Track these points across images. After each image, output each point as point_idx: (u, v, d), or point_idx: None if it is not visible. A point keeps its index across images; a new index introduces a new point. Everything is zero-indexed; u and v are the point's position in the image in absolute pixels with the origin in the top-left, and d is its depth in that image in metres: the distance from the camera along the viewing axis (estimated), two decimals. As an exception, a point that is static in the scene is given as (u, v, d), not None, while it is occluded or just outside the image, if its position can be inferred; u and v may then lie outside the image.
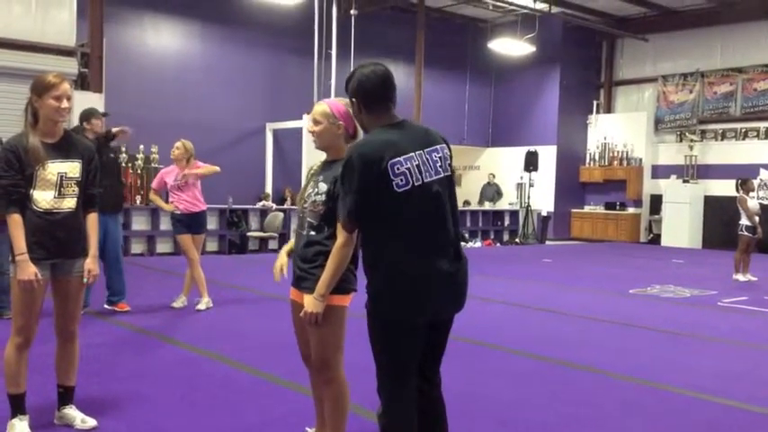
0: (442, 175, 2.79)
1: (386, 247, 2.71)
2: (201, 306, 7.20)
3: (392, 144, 2.70)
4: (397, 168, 2.67)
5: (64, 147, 3.56)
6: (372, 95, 2.81)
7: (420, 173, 2.71)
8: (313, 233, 3.07)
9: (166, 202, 7.41)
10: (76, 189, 3.56)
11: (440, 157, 2.80)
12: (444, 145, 2.86)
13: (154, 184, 7.54)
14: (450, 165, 2.86)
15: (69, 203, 3.54)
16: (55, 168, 3.49)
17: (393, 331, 2.74)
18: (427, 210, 2.73)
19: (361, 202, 2.68)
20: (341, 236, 2.88)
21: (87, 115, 6.77)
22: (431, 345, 2.86)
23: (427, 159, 2.75)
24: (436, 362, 2.95)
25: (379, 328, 2.77)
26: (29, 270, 3.39)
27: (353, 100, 2.84)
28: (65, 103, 3.48)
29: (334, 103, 3.20)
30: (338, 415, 3.15)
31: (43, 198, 3.47)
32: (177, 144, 7.28)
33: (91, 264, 3.59)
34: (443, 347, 2.95)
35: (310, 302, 2.92)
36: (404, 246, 2.69)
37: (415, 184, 2.69)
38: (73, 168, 3.55)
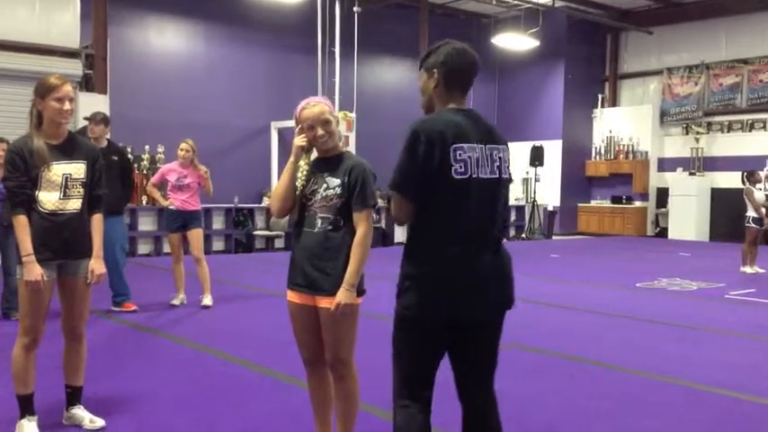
0: (498, 177, 2.61)
1: (432, 238, 2.54)
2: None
3: (458, 127, 2.53)
4: (459, 154, 2.50)
5: (68, 148, 3.58)
6: (457, 73, 2.62)
7: (477, 166, 2.54)
8: (330, 228, 3.03)
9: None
10: (82, 190, 3.58)
11: (499, 158, 2.62)
12: (505, 146, 2.68)
13: (154, 179, 7.59)
14: (508, 168, 2.68)
15: (74, 204, 3.56)
16: (60, 170, 3.51)
17: (416, 327, 2.55)
18: (478, 205, 2.54)
19: (420, 183, 2.49)
20: (364, 224, 2.99)
21: (88, 119, 6.88)
22: (470, 352, 2.65)
23: (487, 155, 2.58)
24: (481, 372, 2.70)
25: (404, 323, 2.57)
26: (35, 271, 3.41)
27: (434, 71, 2.62)
28: (67, 105, 3.49)
29: (325, 100, 3.23)
30: (349, 412, 3.16)
31: (48, 199, 3.49)
32: (183, 145, 7.30)
33: (95, 264, 3.61)
34: (489, 355, 2.69)
35: (343, 294, 2.92)
36: (453, 238, 2.51)
37: (473, 176, 2.52)
38: (78, 169, 3.57)
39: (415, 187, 2.51)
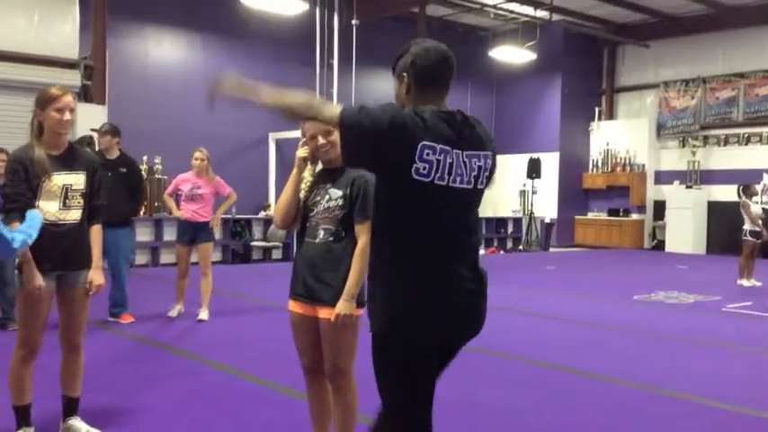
0: (473, 188, 2.37)
1: (394, 253, 2.32)
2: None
3: (435, 124, 2.27)
4: (427, 154, 2.23)
5: (68, 159, 3.58)
6: (427, 74, 2.37)
7: (449, 173, 2.28)
8: (331, 239, 3.06)
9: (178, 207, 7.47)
10: (81, 201, 3.58)
11: (479, 166, 2.37)
12: (490, 153, 2.42)
13: (169, 189, 7.59)
14: (488, 178, 2.43)
15: (74, 215, 3.56)
16: (60, 180, 3.51)
17: (403, 359, 2.33)
18: (445, 218, 2.32)
19: (377, 167, 2.30)
20: (365, 236, 2.92)
21: (95, 132, 6.93)
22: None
23: (464, 162, 2.32)
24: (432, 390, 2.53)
25: (388, 356, 2.36)
26: (35, 278, 3.39)
27: (403, 75, 2.40)
28: (67, 116, 3.50)
29: None
30: (348, 423, 3.16)
31: (48, 209, 3.49)
32: (197, 154, 7.25)
33: (94, 275, 3.61)
34: (441, 373, 2.52)
35: (343, 305, 2.94)
36: (416, 254, 2.30)
37: (436, 182, 2.25)
38: (77, 180, 3.57)
39: (363, 154, 2.31)
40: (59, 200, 3.51)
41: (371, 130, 2.22)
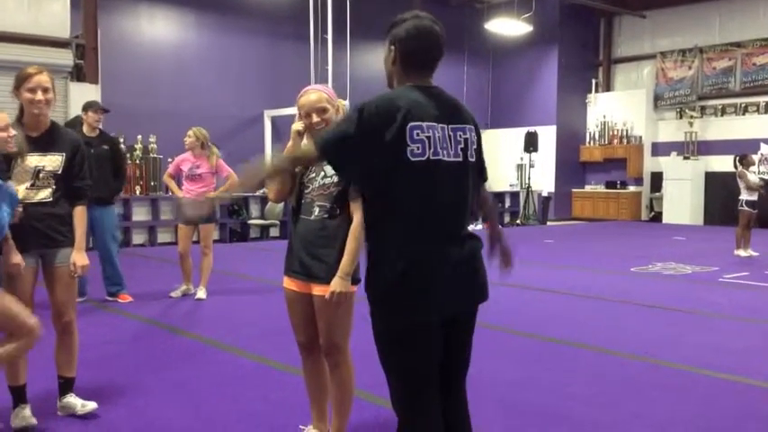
0: (463, 160, 2.38)
1: (392, 230, 2.33)
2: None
3: (416, 104, 2.30)
4: (417, 134, 2.26)
5: (46, 141, 3.55)
6: (414, 55, 2.41)
7: (439, 148, 2.31)
8: (326, 216, 3.05)
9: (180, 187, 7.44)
10: (52, 181, 3.54)
11: (465, 139, 2.40)
12: (473, 127, 2.47)
13: (170, 170, 7.55)
14: (476, 150, 2.46)
15: (43, 194, 3.53)
16: (33, 161, 3.49)
17: (404, 333, 2.34)
18: (443, 192, 2.33)
19: (368, 165, 2.27)
20: (359, 213, 2.78)
21: (85, 107, 6.86)
22: (449, 348, 2.45)
23: (449, 136, 2.36)
24: (459, 370, 2.53)
25: (388, 332, 2.38)
26: (13, 256, 3.36)
27: (392, 47, 2.44)
28: (39, 95, 3.45)
29: (325, 88, 3.24)
30: (345, 399, 3.17)
31: (17, 189, 3.45)
32: (189, 132, 7.30)
33: (76, 256, 3.58)
34: (465, 351, 2.54)
35: (338, 283, 2.92)
36: (414, 230, 2.31)
37: (431, 158, 2.28)
38: (53, 162, 3.54)
39: (362, 178, 2.37)
40: (29, 181, 3.49)
41: (344, 135, 2.29)
